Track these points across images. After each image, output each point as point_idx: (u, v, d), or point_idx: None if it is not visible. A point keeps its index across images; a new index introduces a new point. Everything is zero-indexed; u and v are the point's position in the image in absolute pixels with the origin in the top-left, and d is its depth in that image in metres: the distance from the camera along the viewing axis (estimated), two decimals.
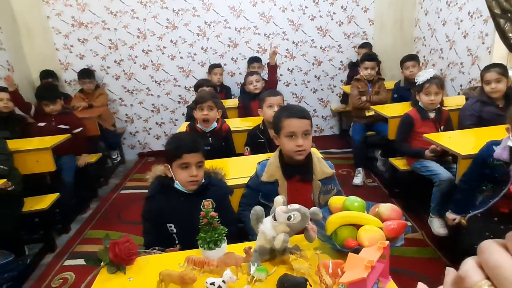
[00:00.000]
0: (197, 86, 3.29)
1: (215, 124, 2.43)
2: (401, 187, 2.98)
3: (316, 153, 1.61)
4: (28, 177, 2.69)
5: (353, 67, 4.25)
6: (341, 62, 4.49)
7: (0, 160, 2.41)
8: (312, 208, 1.13)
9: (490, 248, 0.31)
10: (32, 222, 2.73)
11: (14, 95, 3.14)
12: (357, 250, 0.99)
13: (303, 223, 1.09)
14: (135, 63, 4.20)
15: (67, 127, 3.14)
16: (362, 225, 1.08)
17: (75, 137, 3.11)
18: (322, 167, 1.56)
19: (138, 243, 1.49)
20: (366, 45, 4.24)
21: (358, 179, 3.34)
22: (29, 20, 3.88)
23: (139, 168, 4.22)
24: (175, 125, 4.47)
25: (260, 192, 1.59)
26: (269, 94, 2.36)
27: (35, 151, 2.68)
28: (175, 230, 1.54)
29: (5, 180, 2.16)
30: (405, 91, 3.39)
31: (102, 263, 1.26)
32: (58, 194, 2.75)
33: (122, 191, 3.66)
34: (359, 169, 3.42)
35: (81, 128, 3.23)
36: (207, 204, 1.46)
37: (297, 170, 1.55)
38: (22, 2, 3.82)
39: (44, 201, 2.63)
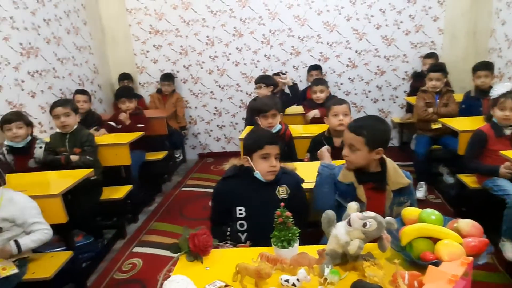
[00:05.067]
0: (257, 82, 3.41)
1: (279, 126, 2.50)
2: (469, 206, 2.82)
3: (392, 163, 1.59)
4: (107, 169, 2.98)
5: (418, 77, 4.11)
6: (406, 72, 4.36)
7: (87, 151, 2.71)
8: (388, 218, 1.15)
9: None
10: (108, 210, 3.01)
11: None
12: (434, 264, 0.99)
13: (378, 232, 1.11)
14: (202, 68, 4.45)
15: (141, 125, 3.41)
16: (439, 239, 1.08)
17: (143, 136, 3.33)
18: (397, 177, 1.55)
19: None
20: (432, 55, 4.08)
21: (420, 193, 3.21)
22: (114, 28, 4.32)
23: (199, 168, 4.44)
24: (235, 129, 4.64)
25: (337, 191, 1.62)
26: (335, 103, 2.39)
27: (115, 146, 2.97)
28: (244, 214, 1.62)
29: (92, 169, 2.42)
30: (475, 100, 3.22)
31: (181, 251, 1.39)
32: (131, 186, 3.01)
33: (184, 189, 3.87)
34: (421, 183, 3.29)
35: (142, 125, 3.43)
36: (283, 189, 1.58)
37: (370, 178, 1.56)
38: (110, 12, 4.26)
39: (120, 192, 2.89)
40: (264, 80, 3.35)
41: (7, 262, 1.79)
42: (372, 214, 1.14)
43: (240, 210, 1.63)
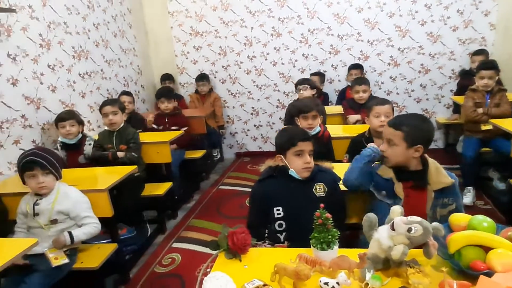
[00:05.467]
0: (297, 84, 3.41)
1: (318, 128, 2.47)
2: None
3: (435, 163, 1.54)
4: (149, 166, 3.10)
5: (466, 75, 3.88)
6: (453, 70, 4.14)
7: (132, 148, 2.84)
8: (434, 223, 1.10)
9: None
10: (149, 205, 3.13)
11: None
12: (486, 275, 0.94)
13: (424, 237, 1.07)
14: (240, 68, 4.50)
15: (177, 127, 3.54)
16: (492, 248, 1.02)
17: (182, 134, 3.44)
18: (439, 176, 1.49)
19: None
20: (482, 52, 3.84)
21: (467, 199, 3.04)
22: (157, 31, 4.48)
23: (236, 167, 4.49)
24: (272, 128, 4.65)
25: (372, 181, 1.61)
26: (377, 103, 2.32)
27: (157, 144, 3.08)
28: (282, 214, 1.62)
29: (136, 166, 2.53)
30: None
31: (220, 249, 1.41)
32: (171, 183, 3.11)
33: (221, 187, 3.94)
34: (468, 187, 3.11)
35: (186, 128, 3.56)
36: (320, 187, 1.58)
37: (410, 176, 1.52)
38: (153, 15, 4.43)
39: (161, 188, 2.99)
40: (306, 82, 3.34)
41: (59, 252, 1.91)
42: (417, 218, 1.10)
43: (278, 210, 1.62)
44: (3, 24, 2.45)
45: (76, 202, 2.02)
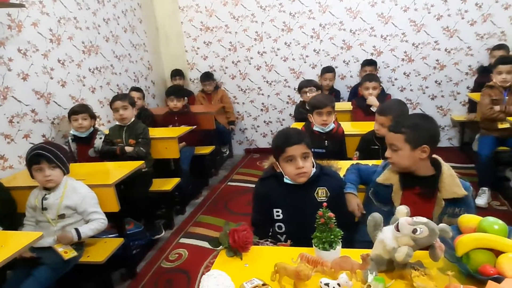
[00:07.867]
0: (300, 88, 3.38)
1: (332, 125, 2.43)
2: None
3: (450, 169, 1.44)
4: (158, 162, 3.11)
5: (484, 72, 3.75)
6: (469, 66, 4.01)
7: (141, 143, 2.85)
8: (441, 224, 1.05)
9: None
10: (157, 201, 3.14)
11: None
12: (496, 280, 0.89)
13: (430, 239, 1.02)
14: (250, 64, 4.47)
15: (186, 126, 3.50)
16: (502, 252, 0.96)
17: (191, 132, 3.44)
18: (453, 185, 1.40)
19: None
20: (501, 47, 3.69)
21: (482, 200, 2.94)
22: (168, 26, 4.48)
23: (245, 163, 4.47)
24: (282, 125, 4.61)
25: (372, 187, 1.58)
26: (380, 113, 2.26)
27: (165, 139, 3.09)
28: (281, 216, 1.56)
29: (143, 162, 2.53)
30: None
31: (221, 246, 1.39)
32: (179, 179, 3.11)
33: (229, 183, 3.93)
34: (484, 188, 3.01)
35: (195, 126, 3.55)
36: (322, 192, 1.50)
37: (419, 182, 1.44)
38: (164, 11, 4.42)
39: (169, 184, 3.00)
40: (312, 84, 3.31)
41: (66, 246, 1.93)
42: (423, 219, 1.05)
43: (278, 212, 1.57)
44: (14, 19, 2.48)
45: (84, 197, 2.03)
